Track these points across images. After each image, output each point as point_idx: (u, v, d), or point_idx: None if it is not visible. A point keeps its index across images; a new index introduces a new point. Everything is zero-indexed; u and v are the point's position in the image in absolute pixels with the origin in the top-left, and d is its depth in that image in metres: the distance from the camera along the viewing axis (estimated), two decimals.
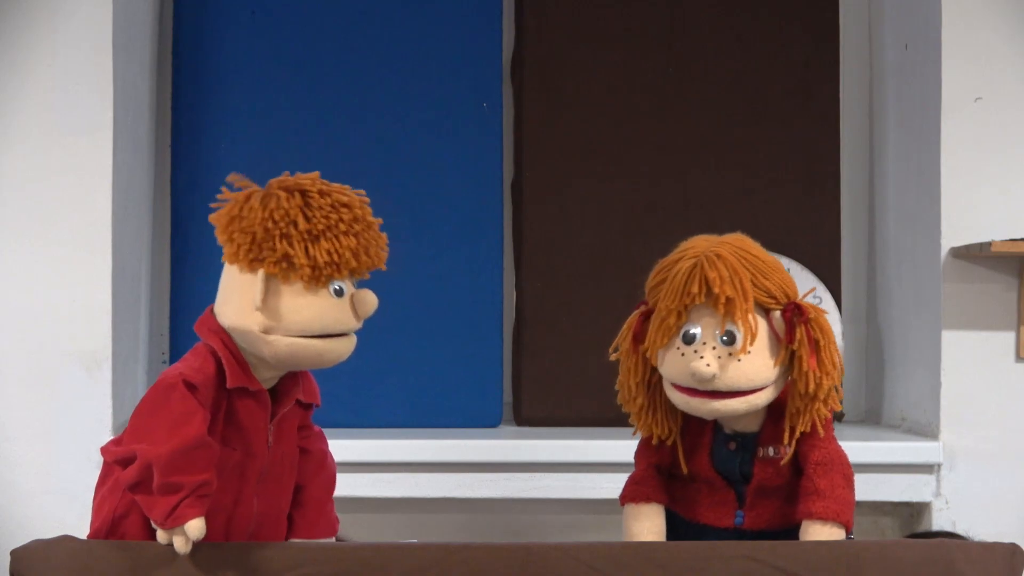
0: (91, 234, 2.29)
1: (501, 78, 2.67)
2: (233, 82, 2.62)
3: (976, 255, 2.37)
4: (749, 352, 1.54)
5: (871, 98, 2.82)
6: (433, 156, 2.62)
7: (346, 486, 2.32)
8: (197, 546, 1.45)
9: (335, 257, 1.45)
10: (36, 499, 2.26)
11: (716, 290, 1.53)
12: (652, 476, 1.67)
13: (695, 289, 1.55)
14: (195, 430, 1.43)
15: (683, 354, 1.56)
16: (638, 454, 1.70)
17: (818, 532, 1.56)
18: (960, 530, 2.35)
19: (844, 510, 1.56)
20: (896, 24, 2.67)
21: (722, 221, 2.65)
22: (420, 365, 2.59)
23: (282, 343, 1.47)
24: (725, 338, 1.55)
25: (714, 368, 1.53)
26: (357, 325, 1.51)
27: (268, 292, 1.46)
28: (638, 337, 1.63)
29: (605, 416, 2.59)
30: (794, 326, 1.56)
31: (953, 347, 2.40)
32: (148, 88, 2.58)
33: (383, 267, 1.53)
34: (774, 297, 1.57)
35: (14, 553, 1.46)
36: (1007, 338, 2.38)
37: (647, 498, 1.65)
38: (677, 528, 1.67)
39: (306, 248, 1.45)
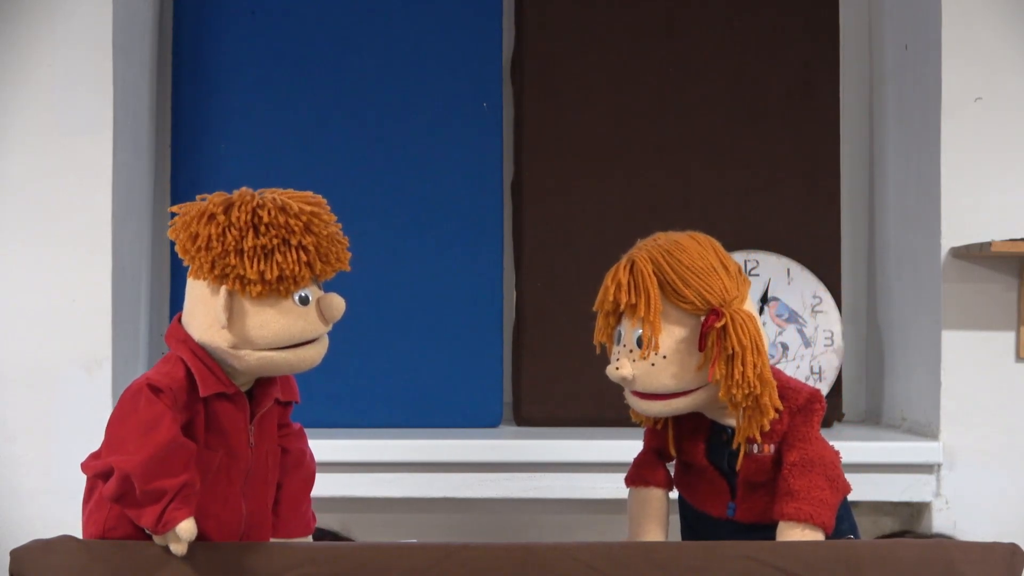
0: (91, 234, 2.30)
1: (501, 78, 2.67)
2: (233, 82, 2.61)
3: (976, 255, 2.37)
4: (664, 357, 1.56)
5: (871, 98, 2.82)
6: (433, 156, 2.62)
7: (346, 486, 2.34)
8: (198, 547, 1.45)
9: (287, 271, 1.44)
10: (36, 499, 2.26)
11: (611, 297, 1.58)
12: (652, 460, 1.70)
13: (601, 296, 1.61)
14: (165, 433, 1.42)
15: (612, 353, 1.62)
16: (644, 435, 1.73)
17: (791, 533, 1.56)
18: (956, 531, 2.35)
19: (819, 511, 1.56)
20: (896, 24, 2.67)
21: (722, 221, 2.67)
22: (420, 365, 2.59)
23: (252, 357, 1.47)
24: (640, 342, 1.57)
25: (623, 371, 1.58)
26: (326, 330, 1.50)
27: (233, 309, 1.45)
28: None
29: (605, 416, 2.60)
30: (705, 334, 1.56)
31: (953, 347, 2.40)
32: (148, 88, 2.58)
33: (346, 268, 1.51)
34: (691, 303, 1.56)
35: (14, 553, 1.46)
36: (1007, 338, 2.39)
37: (645, 482, 1.68)
38: (686, 513, 1.71)
39: (257, 264, 1.43)
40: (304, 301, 1.47)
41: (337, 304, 1.49)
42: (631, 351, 1.58)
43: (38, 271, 2.28)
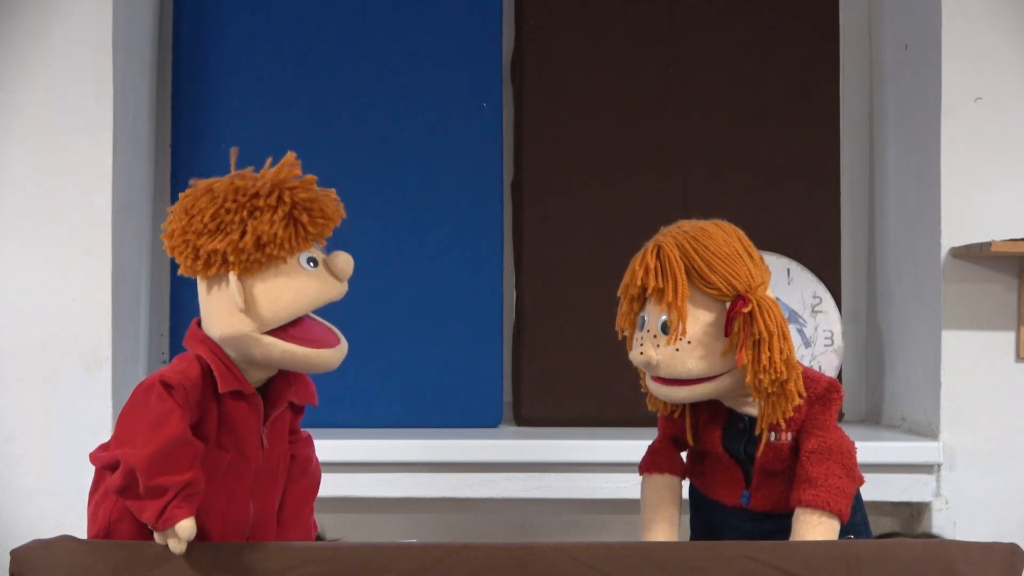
0: (91, 234, 2.30)
1: (501, 78, 2.67)
2: (233, 82, 2.62)
3: (976, 255, 2.37)
4: (689, 342, 1.57)
5: (871, 98, 2.82)
6: (433, 156, 2.62)
7: (346, 486, 2.34)
8: (198, 546, 1.45)
9: (265, 236, 1.43)
10: (36, 499, 2.26)
11: (639, 282, 1.58)
12: (667, 447, 1.71)
13: (627, 280, 1.61)
14: (173, 430, 1.42)
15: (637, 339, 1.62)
16: (659, 423, 1.74)
17: (808, 520, 1.56)
18: (956, 531, 2.35)
19: (836, 499, 1.56)
20: (896, 24, 2.67)
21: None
22: (420, 365, 2.59)
23: (276, 349, 1.46)
24: (664, 327, 1.58)
25: (648, 356, 1.58)
26: (341, 287, 1.49)
27: (244, 291, 1.45)
28: None
29: (605, 416, 2.60)
30: (731, 319, 1.56)
31: (953, 347, 2.40)
32: (148, 88, 2.58)
33: (342, 216, 1.50)
34: (718, 289, 1.57)
35: (14, 553, 1.46)
36: (1007, 338, 2.38)
37: (660, 469, 1.69)
38: (698, 501, 1.71)
39: (231, 237, 1.43)
40: (313, 263, 1.47)
41: (344, 259, 1.48)
42: (655, 336, 1.58)
43: (38, 271, 2.28)
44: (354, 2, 2.64)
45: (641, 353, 1.59)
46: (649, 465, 1.71)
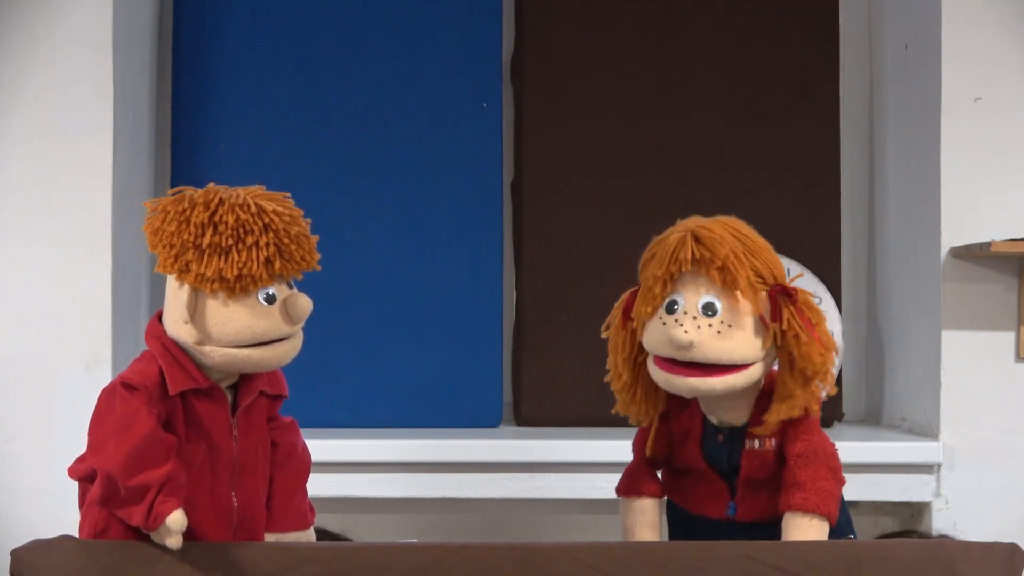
0: (91, 234, 2.30)
1: (501, 78, 2.67)
2: (233, 82, 2.62)
3: (976, 255, 2.37)
4: (729, 326, 1.53)
5: (871, 98, 2.82)
6: (433, 156, 2.62)
7: (346, 486, 2.34)
8: (197, 546, 1.45)
9: (245, 270, 1.44)
10: (36, 499, 2.26)
11: (709, 256, 1.53)
12: (643, 469, 1.69)
13: (684, 255, 1.54)
14: (142, 429, 1.42)
15: (664, 323, 1.55)
16: (634, 444, 1.71)
17: (798, 524, 1.56)
18: (956, 531, 2.35)
19: (825, 502, 1.56)
20: (896, 24, 2.67)
21: None
22: (420, 365, 2.59)
23: (216, 354, 1.47)
24: (707, 309, 1.54)
25: (692, 336, 1.52)
26: (292, 331, 1.49)
27: (196, 305, 1.46)
28: (628, 313, 1.62)
29: (605, 416, 2.58)
30: (780, 306, 1.55)
31: (953, 347, 2.40)
32: (148, 88, 2.58)
33: (315, 268, 1.50)
34: (762, 277, 1.56)
35: (14, 553, 1.46)
36: (1007, 338, 2.38)
37: (639, 492, 1.68)
38: (679, 518, 1.70)
39: (215, 262, 1.43)
40: (270, 300, 1.47)
41: (303, 304, 1.48)
42: (694, 317, 1.54)
43: (38, 271, 2.28)
44: (354, 2, 2.64)
45: (685, 332, 1.52)
46: (627, 489, 1.69)
